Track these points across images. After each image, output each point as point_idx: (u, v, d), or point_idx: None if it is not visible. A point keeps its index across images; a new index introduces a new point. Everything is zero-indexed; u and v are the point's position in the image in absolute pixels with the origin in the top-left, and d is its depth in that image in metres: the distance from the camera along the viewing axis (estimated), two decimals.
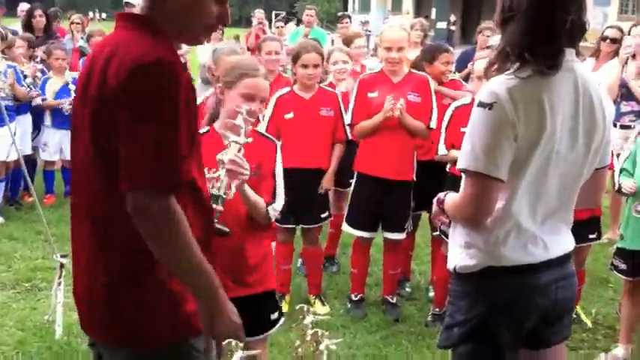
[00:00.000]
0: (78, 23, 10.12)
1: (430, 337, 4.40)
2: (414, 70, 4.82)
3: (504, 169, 2.19)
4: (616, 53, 6.70)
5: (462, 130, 4.14)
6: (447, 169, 4.53)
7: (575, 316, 4.62)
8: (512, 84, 2.18)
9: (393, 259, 4.90)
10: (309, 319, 2.03)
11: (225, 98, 2.95)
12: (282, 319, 3.20)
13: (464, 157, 2.25)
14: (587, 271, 5.21)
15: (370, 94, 4.67)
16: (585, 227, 4.41)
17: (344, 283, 5.26)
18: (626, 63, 6.52)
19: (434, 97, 4.71)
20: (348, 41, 6.69)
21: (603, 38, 7.01)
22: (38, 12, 8.84)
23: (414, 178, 4.72)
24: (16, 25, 9.87)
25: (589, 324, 4.63)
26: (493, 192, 2.22)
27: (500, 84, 2.19)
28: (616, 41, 6.73)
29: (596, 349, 4.35)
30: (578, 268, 4.56)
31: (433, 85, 4.87)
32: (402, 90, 4.62)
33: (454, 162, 4.34)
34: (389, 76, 4.70)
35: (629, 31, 6.67)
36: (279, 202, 3.05)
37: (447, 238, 4.39)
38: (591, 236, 4.51)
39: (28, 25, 8.74)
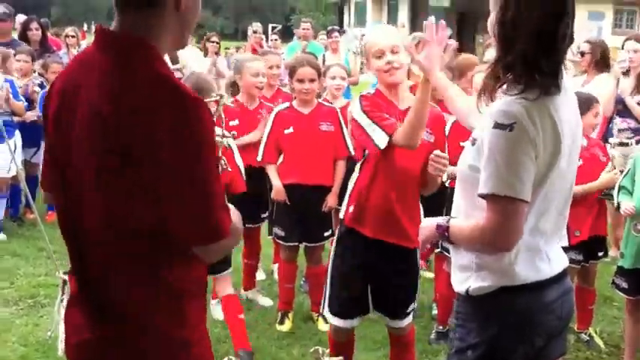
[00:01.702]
0: (73, 36, 10.00)
1: (433, 355, 4.41)
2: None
3: (529, 189, 2.16)
4: (596, 65, 6.59)
5: (462, 144, 4.21)
6: (447, 184, 4.53)
7: (588, 337, 4.67)
8: (526, 104, 2.16)
9: (403, 357, 3.88)
10: None
11: None
12: None
13: (488, 182, 2.17)
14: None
15: None
16: (594, 245, 4.48)
17: None
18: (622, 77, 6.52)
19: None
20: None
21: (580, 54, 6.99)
22: (34, 25, 8.68)
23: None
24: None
25: (602, 345, 4.63)
26: (522, 214, 2.17)
27: (514, 104, 2.16)
28: (584, 54, 6.64)
29: None
30: (588, 287, 4.62)
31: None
32: None
33: (454, 177, 4.37)
34: (391, 99, 3.52)
35: (623, 46, 6.63)
36: None
37: (449, 253, 4.44)
38: (600, 253, 4.58)
39: (23, 38, 8.60)
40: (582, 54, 6.43)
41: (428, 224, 2.51)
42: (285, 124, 4.71)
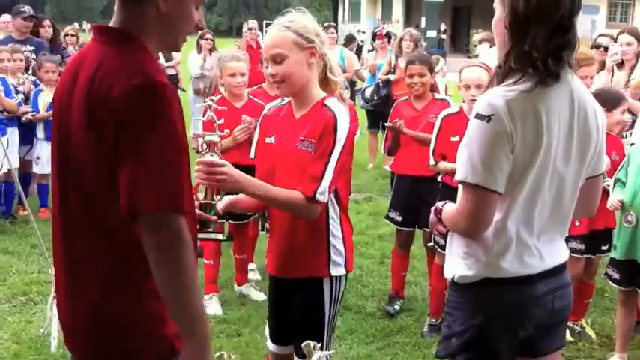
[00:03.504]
0: (73, 35, 10.03)
1: (426, 348, 4.42)
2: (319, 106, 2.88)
3: (502, 181, 2.20)
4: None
5: (452, 139, 4.22)
6: (440, 179, 4.54)
7: (580, 328, 4.64)
8: (510, 96, 2.18)
9: None
10: (315, 356, 1.94)
11: None
12: None
13: (462, 169, 2.26)
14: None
15: None
16: (598, 239, 4.41)
17: None
18: (613, 71, 6.50)
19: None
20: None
21: (596, 46, 7.02)
22: (47, 22, 8.69)
23: (331, 272, 2.93)
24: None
25: (593, 337, 4.60)
26: (491, 205, 2.23)
27: (498, 96, 2.20)
28: (607, 49, 6.70)
29: (593, 358, 4.36)
30: (588, 280, 4.52)
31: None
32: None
33: (445, 173, 4.37)
34: (292, 107, 2.97)
35: (616, 39, 6.65)
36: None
37: (441, 248, 4.45)
38: (604, 247, 4.46)
39: (35, 36, 8.52)
40: (606, 48, 6.45)
41: (433, 208, 2.57)
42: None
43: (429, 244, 4.85)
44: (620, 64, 6.38)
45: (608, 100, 4.24)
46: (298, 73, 2.82)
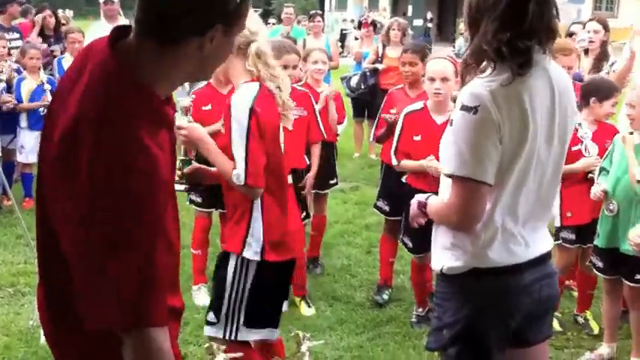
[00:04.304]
0: (64, 24, 9.93)
1: (416, 338, 4.43)
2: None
3: (492, 172, 2.20)
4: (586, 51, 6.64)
5: (415, 138, 4.20)
6: (404, 180, 4.52)
7: (584, 320, 4.65)
8: (493, 86, 2.18)
9: None
10: (305, 347, 1.93)
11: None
12: None
13: (451, 163, 2.25)
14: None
15: None
16: (587, 231, 4.39)
17: (328, 284, 5.28)
18: (579, 58, 6.46)
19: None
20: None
21: (569, 34, 7.02)
22: (48, 12, 8.68)
23: (241, 251, 3.04)
24: None
25: (596, 330, 4.57)
26: (482, 197, 2.23)
27: (481, 87, 2.20)
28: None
29: (582, 348, 4.37)
30: (588, 272, 4.46)
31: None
32: None
33: (411, 170, 4.36)
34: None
35: (584, 25, 6.65)
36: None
37: (410, 251, 4.47)
38: (594, 237, 4.37)
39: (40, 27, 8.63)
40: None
41: (414, 201, 2.56)
42: None
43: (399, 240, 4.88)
44: (586, 52, 6.40)
45: (602, 90, 4.25)
46: None
